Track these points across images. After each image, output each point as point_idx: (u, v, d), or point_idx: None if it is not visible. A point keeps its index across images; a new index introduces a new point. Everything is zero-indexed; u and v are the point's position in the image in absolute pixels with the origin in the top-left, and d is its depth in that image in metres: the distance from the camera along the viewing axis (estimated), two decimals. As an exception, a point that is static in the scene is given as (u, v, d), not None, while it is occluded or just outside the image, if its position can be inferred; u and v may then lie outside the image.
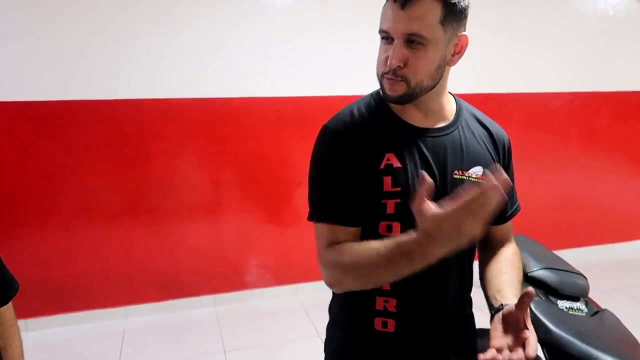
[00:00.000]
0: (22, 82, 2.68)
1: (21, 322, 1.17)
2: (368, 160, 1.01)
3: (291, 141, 3.11)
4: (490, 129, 1.12)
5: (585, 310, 1.34)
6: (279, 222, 3.18)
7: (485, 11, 3.29)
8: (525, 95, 3.52)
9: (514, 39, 3.39)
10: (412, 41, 0.94)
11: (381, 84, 1.03)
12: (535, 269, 1.45)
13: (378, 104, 1.08)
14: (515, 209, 1.20)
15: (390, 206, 1.01)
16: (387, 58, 0.97)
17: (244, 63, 2.96)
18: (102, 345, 2.79)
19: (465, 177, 1.04)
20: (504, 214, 1.18)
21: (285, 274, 3.28)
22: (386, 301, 1.07)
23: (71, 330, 2.91)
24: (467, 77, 3.29)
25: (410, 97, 1.00)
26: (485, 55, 3.34)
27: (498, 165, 0.89)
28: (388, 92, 1.01)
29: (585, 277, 1.48)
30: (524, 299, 0.88)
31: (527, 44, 3.42)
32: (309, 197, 1.09)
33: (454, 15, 0.95)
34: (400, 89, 0.99)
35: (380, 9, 1.00)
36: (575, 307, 1.34)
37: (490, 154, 1.09)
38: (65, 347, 2.78)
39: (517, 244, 1.57)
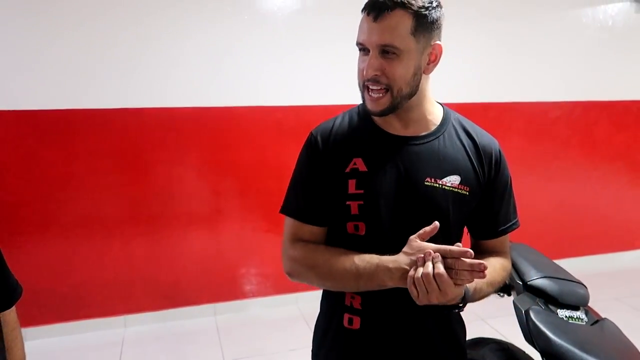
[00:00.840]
0: (25, 91, 2.69)
1: (20, 331, 1.17)
2: (336, 164, 1.09)
3: (291, 150, 3.09)
4: (477, 140, 1.13)
5: (586, 319, 1.34)
6: (279, 230, 3.15)
7: (486, 22, 3.31)
8: (525, 104, 3.53)
9: (513, 48, 3.41)
10: (387, 52, 0.99)
11: (363, 97, 1.07)
12: (534, 278, 1.45)
13: (362, 113, 1.14)
14: (510, 225, 1.18)
15: (354, 207, 1.07)
16: (363, 69, 1.03)
17: (245, 72, 2.97)
18: (101, 355, 2.78)
19: (437, 185, 1.06)
20: (492, 229, 1.17)
21: (285, 282, 3.26)
22: (353, 297, 1.12)
23: (70, 339, 2.90)
24: (468, 87, 3.32)
25: (393, 108, 1.04)
26: (485, 64, 3.36)
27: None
28: (371, 107, 1.06)
29: (585, 286, 1.47)
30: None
31: (527, 53, 3.43)
32: (286, 191, 1.18)
33: (424, 26, 0.99)
34: (385, 102, 1.03)
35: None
36: (575, 316, 1.33)
37: (473, 165, 1.10)
38: (64, 356, 2.77)
39: (517, 253, 1.58)
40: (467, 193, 1.09)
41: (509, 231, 1.19)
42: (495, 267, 1.12)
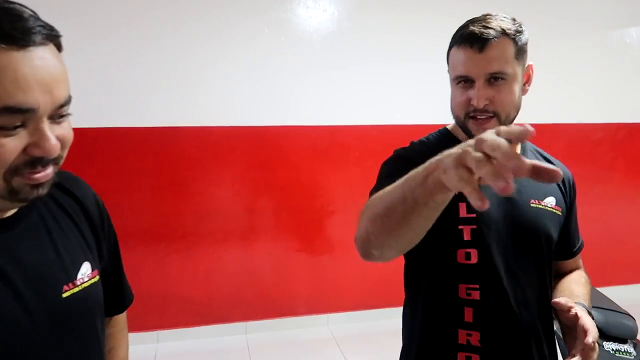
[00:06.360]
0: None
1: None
2: None
3: (325, 170, 3.12)
4: (556, 165, 1.13)
5: (634, 353, 1.27)
6: (311, 250, 3.17)
7: (530, 43, 3.26)
8: (566, 125, 3.44)
9: (553, 68, 3.34)
10: (495, 79, 1.00)
11: (465, 126, 1.05)
12: (578, 307, 1.39)
13: (447, 137, 1.11)
14: (581, 244, 1.25)
15: (467, 232, 1.02)
16: (467, 100, 1.01)
17: (280, 92, 3.01)
18: (134, 370, 2.80)
19: (542, 207, 1.08)
20: (570, 249, 1.21)
21: (316, 303, 3.25)
22: (469, 334, 1.03)
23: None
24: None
25: None
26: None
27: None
28: (477, 133, 0.99)
29: (633, 317, 1.40)
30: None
31: (567, 74, 3.36)
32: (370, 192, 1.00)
33: (522, 49, 1.04)
34: (492, 126, 0.99)
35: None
36: (622, 350, 1.26)
37: (560, 188, 1.14)
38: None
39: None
40: (561, 214, 1.12)
41: (580, 250, 1.24)
42: (582, 282, 1.17)
